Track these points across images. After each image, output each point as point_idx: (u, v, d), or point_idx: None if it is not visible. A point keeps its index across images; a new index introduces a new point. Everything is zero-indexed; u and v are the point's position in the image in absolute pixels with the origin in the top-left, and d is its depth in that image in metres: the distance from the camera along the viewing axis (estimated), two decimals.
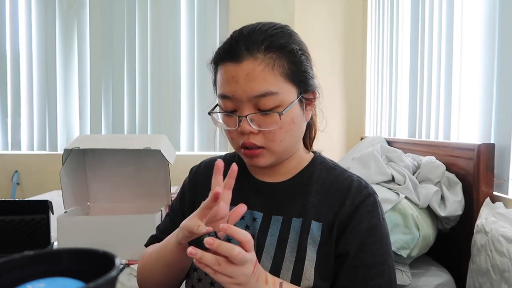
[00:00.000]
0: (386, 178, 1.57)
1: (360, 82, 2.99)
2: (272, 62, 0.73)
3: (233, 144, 0.80)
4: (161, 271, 0.81)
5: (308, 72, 0.79)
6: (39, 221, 1.46)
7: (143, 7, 3.17)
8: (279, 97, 0.74)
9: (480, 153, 1.45)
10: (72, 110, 3.27)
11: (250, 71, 0.73)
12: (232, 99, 0.75)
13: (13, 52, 3.22)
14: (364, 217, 0.77)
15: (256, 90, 0.73)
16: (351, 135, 2.99)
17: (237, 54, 0.74)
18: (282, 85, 0.74)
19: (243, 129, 0.74)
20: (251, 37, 0.75)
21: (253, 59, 0.73)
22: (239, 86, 0.73)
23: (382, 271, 0.75)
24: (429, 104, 2.01)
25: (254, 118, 0.74)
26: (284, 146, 0.77)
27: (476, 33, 1.63)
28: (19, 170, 3.18)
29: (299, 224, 0.78)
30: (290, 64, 0.75)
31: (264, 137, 0.75)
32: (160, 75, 3.21)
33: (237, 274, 0.62)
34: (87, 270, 0.45)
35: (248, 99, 0.73)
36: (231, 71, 0.74)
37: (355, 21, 2.99)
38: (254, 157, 0.77)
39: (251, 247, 0.63)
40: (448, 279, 1.50)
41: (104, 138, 2.23)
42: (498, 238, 1.23)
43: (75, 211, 1.59)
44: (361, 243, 0.75)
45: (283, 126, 0.75)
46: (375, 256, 0.75)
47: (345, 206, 0.77)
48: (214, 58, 0.80)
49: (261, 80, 0.73)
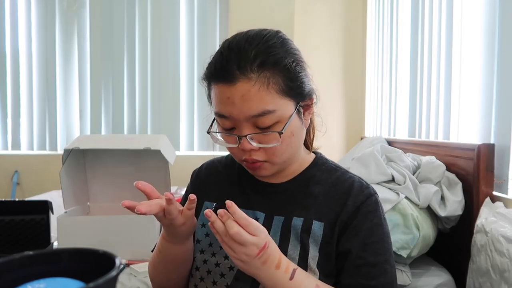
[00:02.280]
0: (386, 178, 1.57)
1: (360, 82, 2.99)
2: (266, 81, 0.71)
3: (235, 158, 0.80)
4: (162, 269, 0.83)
5: (304, 82, 0.76)
6: (39, 221, 1.46)
7: (143, 7, 3.17)
8: (277, 114, 0.72)
9: (480, 153, 1.45)
10: (72, 110, 3.27)
11: (245, 92, 0.70)
12: (229, 119, 0.73)
13: (13, 52, 3.22)
14: (366, 217, 0.77)
15: (254, 110, 0.71)
16: (351, 135, 2.99)
17: (230, 74, 0.71)
18: (279, 102, 0.72)
19: (244, 147, 0.74)
20: (241, 54, 0.71)
21: (247, 79, 0.70)
22: (235, 106, 0.71)
23: (384, 270, 0.75)
24: (429, 104, 2.01)
25: (254, 137, 0.74)
26: (285, 158, 0.78)
27: (476, 33, 1.63)
28: (19, 170, 3.18)
29: (300, 223, 0.78)
30: (286, 79, 0.73)
31: (266, 153, 0.75)
32: (160, 75, 3.21)
33: (239, 252, 0.65)
34: (87, 270, 0.45)
35: (246, 119, 0.72)
36: (225, 92, 0.72)
37: (355, 21, 2.99)
38: (256, 169, 0.78)
39: (254, 231, 0.65)
40: (448, 279, 1.50)
41: (104, 138, 2.23)
42: (498, 238, 1.23)
43: (75, 211, 1.59)
44: (363, 242, 0.76)
45: (284, 140, 0.74)
46: (377, 255, 0.75)
47: (347, 206, 0.78)
48: (205, 75, 0.78)
49: (257, 100, 0.70)
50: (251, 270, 0.67)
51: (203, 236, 0.84)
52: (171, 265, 0.82)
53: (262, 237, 0.66)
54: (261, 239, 0.66)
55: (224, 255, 0.81)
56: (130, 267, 1.38)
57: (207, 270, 0.81)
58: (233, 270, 0.79)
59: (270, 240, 0.68)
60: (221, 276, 0.80)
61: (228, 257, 0.79)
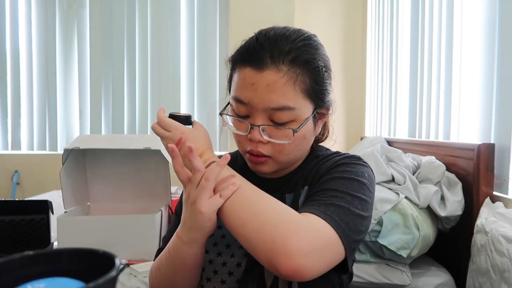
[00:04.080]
0: (386, 178, 1.57)
1: (360, 82, 2.99)
2: (295, 77, 0.71)
3: (240, 147, 0.79)
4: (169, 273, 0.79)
5: (327, 89, 0.77)
6: (39, 221, 1.46)
7: (143, 7, 3.17)
8: (295, 112, 0.72)
9: (480, 153, 1.45)
10: (72, 110, 3.27)
11: (271, 82, 0.70)
12: (247, 105, 0.73)
13: (13, 52, 3.22)
14: (339, 166, 0.76)
15: (274, 102, 0.71)
16: (351, 135, 2.99)
17: (261, 60, 0.71)
18: (300, 101, 0.72)
19: (253, 137, 0.74)
20: (277, 44, 0.71)
21: (277, 70, 0.70)
22: (257, 94, 0.71)
23: (341, 197, 0.69)
24: (429, 104, 2.01)
25: (266, 129, 0.73)
26: (290, 159, 0.78)
27: (476, 33, 1.63)
28: (19, 170, 3.18)
29: (291, 198, 0.79)
30: (312, 81, 0.73)
31: (273, 148, 0.75)
32: (160, 75, 3.21)
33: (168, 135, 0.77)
34: (87, 270, 0.45)
35: (264, 110, 0.72)
36: (251, 78, 0.71)
37: (355, 21, 2.99)
38: (258, 164, 0.77)
39: (167, 126, 0.77)
40: (448, 279, 1.50)
41: (104, 138, 2.23)
42: (498, 238, 1.23)
43: (75, 211, 1.59)
44: (328, 177, 0.74)
45: (294, 141, 0.74)
46: (337, 186, 0.71)
47: (327, 166, 0.78)
48: (233, 57, 0.77)
49: (281, 93, 0.70)
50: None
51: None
52: (180, 268, 0.77)
53: (176, 133, 0.75)
54: (174, 135, 0.75)
55: (231, 254, 0.79)
56: (130, 267, 1.38)
57: (214, 270, 0.80)
58: (241, 266, 0.78)
59: (189, 137, 0.75)
60: (230, 275, 0.79)
61: (235, 255, 0.79)
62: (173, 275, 0.79)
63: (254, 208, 0.67)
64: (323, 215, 0.65)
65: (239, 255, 0.79)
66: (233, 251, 0.80)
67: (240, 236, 0.67)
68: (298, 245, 0.60)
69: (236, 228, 0.67)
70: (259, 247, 0.64)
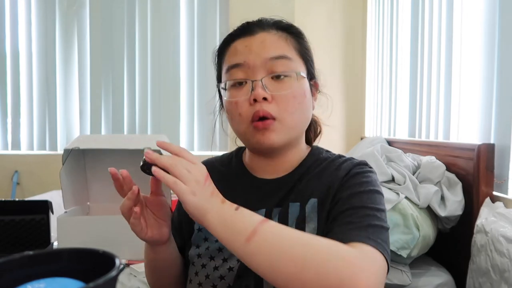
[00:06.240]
0: (386, 178, 1.57)
1: (360, 82, 2.99)
2: (284, 36, 0.78)
3: (242, 122, 0.76)
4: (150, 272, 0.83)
5: (312, 57, 0.82)
6: (39, 221, 1.46)
7: (143, 7, 3.17)
8: (292, 64, 0.76)
9: (480, 153, 1.45)
10: (72, 110, 3.27)
11: (264, 39, 0.75)
12: (243, 67, 0.74)
13: (13, 52, 3.21)
14: (354, 177, 0.76)
15: (272, 52, 0.74)
16: (351, 135, 2.99)
17: (250, 30, 0.77)
18: (294, 55, 0.77)
19: (257, 95, 0.72)
20: (262, 19, 0.80)
21: (267, 31, 0.77)
22: (252, 52, 0.74)
23: (373, 215, 0.70)
24: (429, 104, 2.01)
25: (267, 84, 0.74)
26: (296, 120, 0.77)
27: (476, 33, 1.63)
28: (19, 170, 3.18)
29: (297, 209, 0.78)
30: (299, 43, 0.79)
31: (278, 106, 0.74)
32: (160, 75, 3.21)
33: (192, 175, 0.61)
34: (87, 270, 0.45)
35: (262, 63, 0.74)
36: (243, 42, 0.76)
37: (355, 21, 2.99)
38: (266, 130, 0.74)
39: (192, 159, 0.64)
40: (448, 279, 1.50)
41: (104, 138, 2.23)
42: (498, 238, 1.23)
43: (75, 211, 1.59)
44: (350, 192, 0.73)
45: (297, 96, 0.75)
46: (364, 203, 0.71)
47: (338, 176, 0.77)
48: (222, 43, 0.81)
49: (276, 45, 0.75)
50: (201, 203, 0.61)
51: (201, 241, 0.82)
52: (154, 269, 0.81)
53: (202, 165, 0.65)
54: (202, 166, 0.64)
55: (223, 258, 0.79)
56: (130, 267, 1.38)
57: (206, 274, 0.79)
58: (232, 271, 0.77)
59: None
60: (221, 279, 0.78)
61: (227, 259, 0.78)
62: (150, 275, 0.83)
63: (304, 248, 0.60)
64: (370, 242, 0.65)
65: (231, 260, 0.78)
66: (225, 255, 0.79)
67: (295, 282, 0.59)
68: (366, 281, 0.59)
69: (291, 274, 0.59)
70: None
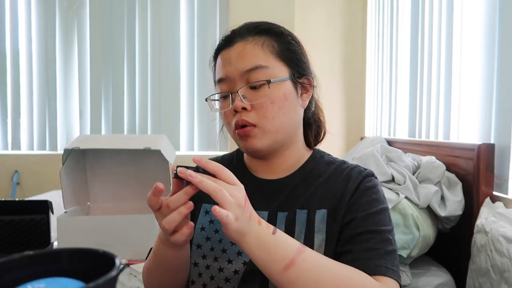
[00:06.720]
0: (386, 178, 1.57)
1: (360, 82, 2.99)
2: (261, 41, 0.78)
3: (229, 129, 0.82)
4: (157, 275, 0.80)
5: (299, 54, 0.82)
6: (39, 221, 1.46)
7: (143, 7, 3.17)
8: (269, 71, 0.77)
9: (480, 153, 1.45)
10: (72, 110, 3.27)
11: (240, 49, 0.78)
12: (226, 80, 0.79)
13: (13, 52, 3.21)
14: (365, 192, 0.77)
15: (247, 65, 0.76)
16: (351, 135, 2.99)
17: (230, 40, 0.80)
18: (272, 62, 0.78)
19: (236, 105, 0.76)
20: (245, 25, 0.81)
21: (244, 40, 0.78)
22: (231, 65, 0.78)
23: (387, 238, 0.74)
24: (429, 104, 2.01)
25: (246, 94, 0.77)
26: (277, 124, 0.77)
27: (476, 33, 1.63)
28: (19, 170, 3.18)
29: (304, 216, 0.77)
30: (279, 43, 0.79)
31: (257, 114, 0.77)
32: (160, 75, 3.21)
33: (233, 205, 0.61)
34: (87, 270, 0.45)
35: (240, 76, 0.77)
36: (225, 55, 0.80)
37: (355, 21, 2.99)
38: (248, 137, 0.77)
39: (233, 180, 0.64)
40: (448, 279, 1.50)
41: (104, 138, 2.23)
42: (498, 238, 1.23)
43: (75, 211, 1.59)
44: (363, 213, 0.75)
45: (275, 101, 0.76)
46: (378, 225, 0.74)
47: (348, 188, 0.78)
48: (213, 54, 0.85)
49: (251, 56, 0.77)
50: (242, 226, 0.62)
51: (203, 240, 0.81)
52: (166, 271, 0.78)
53: (241, 186, 0.65)
54: (241, 186, 0.64)
55: (227, 259, 0.78)
56: (130, 267, 1.38)
57: (210, 276, 0.78)
58: (238, 274, 0.77)
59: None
60: (226, 281, 0.77)
61: (232, 261, 0.78)
62: (159, 277, 0.79)
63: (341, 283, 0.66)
64: (390, 273, 0.70)
65: (237, 262, 0.78)
66: (229, 256, 0.78)
67: None
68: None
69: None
70: None
